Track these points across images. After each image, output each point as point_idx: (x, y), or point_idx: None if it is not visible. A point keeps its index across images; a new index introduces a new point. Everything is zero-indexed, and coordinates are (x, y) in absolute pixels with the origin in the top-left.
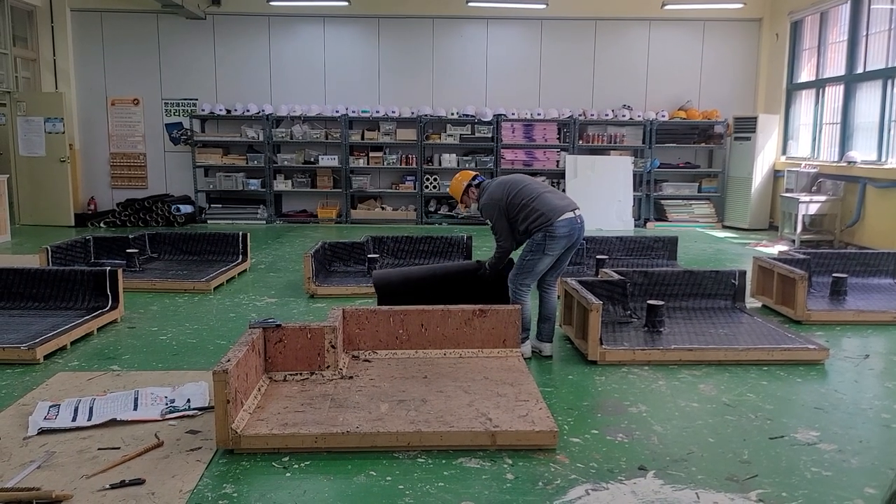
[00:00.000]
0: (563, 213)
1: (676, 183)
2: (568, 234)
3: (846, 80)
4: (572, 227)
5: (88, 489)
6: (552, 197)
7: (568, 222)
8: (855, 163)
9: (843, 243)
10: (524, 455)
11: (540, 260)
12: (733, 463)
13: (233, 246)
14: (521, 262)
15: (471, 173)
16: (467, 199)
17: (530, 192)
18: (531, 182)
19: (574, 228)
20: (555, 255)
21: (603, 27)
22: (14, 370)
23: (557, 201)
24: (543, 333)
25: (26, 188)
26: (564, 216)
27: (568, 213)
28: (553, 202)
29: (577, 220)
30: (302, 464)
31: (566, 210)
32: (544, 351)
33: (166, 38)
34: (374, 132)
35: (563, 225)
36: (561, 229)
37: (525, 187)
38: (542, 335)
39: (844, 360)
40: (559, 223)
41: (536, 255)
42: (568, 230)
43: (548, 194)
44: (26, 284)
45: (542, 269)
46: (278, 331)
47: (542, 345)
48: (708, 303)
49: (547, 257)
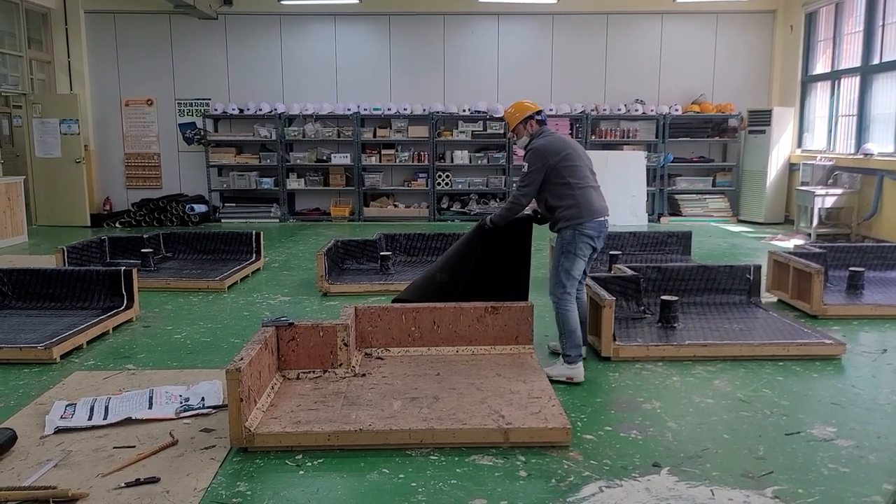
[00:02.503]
0: (599, 216)
1: (690, 177)
2: (596, 236)
3: (862, 71)
4: (600, 231)
5: (104, 487)
6: (595, 195)
7: (598, 225)
8: (872, 155)
9: (860, 237)
10: (537, 452)
11: (574, 263)
12: (748, 459)
13: (246, 245)
14: (557, 271)
15: (537, 106)
16: (522, 129)
17: (580, 176)
18: (584, 166)
19: (601, 233)
20: (585, 257)
21: (615, 21)
22: (31, 369)
23: (598, 202)
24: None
25: (42, 189)
26: (598, 219)
27: (601, 217)
28: (594, 201)
29: (605, 224)
30: (315, 461)
31: (601, 214)
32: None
33: (179, 39)
34: (386, 130)
35: (594, 227)
36: (590, 230)
37: (578, 168)
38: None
39: (862, 354)
40: (590, 224)
41: (569, 259)
42: (596, 233)
43: (591, 190)
44: (43, 284)
45: (578, 273)
46: (291, 329)
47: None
48: (722, 298)
49: (579, 260)
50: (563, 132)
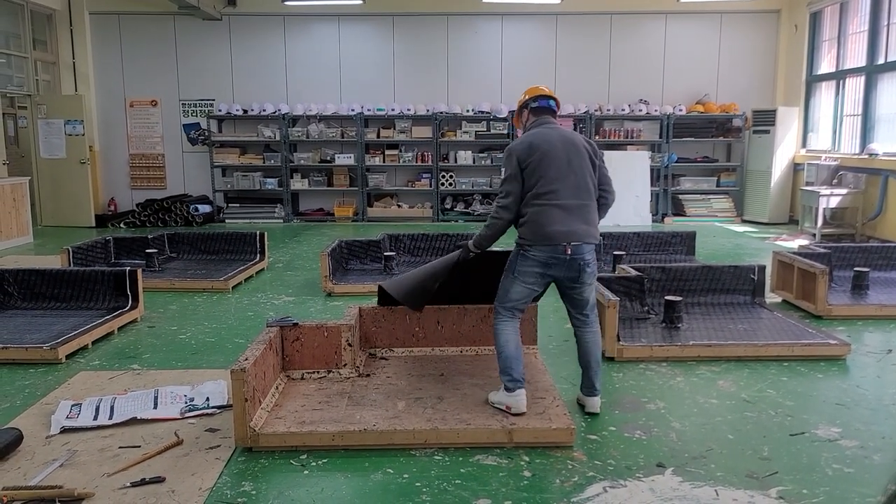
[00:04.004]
0: (551, 242)
1: (694, 177)
2: (545, 264)
3: (867, 70)
4: (552, 260)
5: (110, 487)
6: (556, 215)
7: (549, 251)
8: (877, 155)
9: (865, 237)
10: (541, 452)
11: (512, 285)
12: (753, 460)
13: (250, 245)
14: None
15: (541, 91)
16: (518, 122)
17: (544, 188)
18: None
19: (556, 262)
20: (527, 284)
21: (618, 21)
22: (37, 370)
23: (557, 224)
24: (583, 384)
25: (47, 190)
26: (549, 244)
27: (556, 243)
28: (550, 223)
29: (567, 252)
30: (319, 461)
31: (556, 240)
32: (587, 407)
33: (183, 40)
34: (390, 130)
35: (541, 254)
36: (535, 256)
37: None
38: (582, 386)
39: (866, 355)
40: (536, 249)
41: (508, 278)
42: (543, 261)
43: (553, 208)
44: (48, 285)
45: (516, 296)
46: (295, 329)
47: (584, 399)
48: (727, 298)
49: (517, 284)
50: None
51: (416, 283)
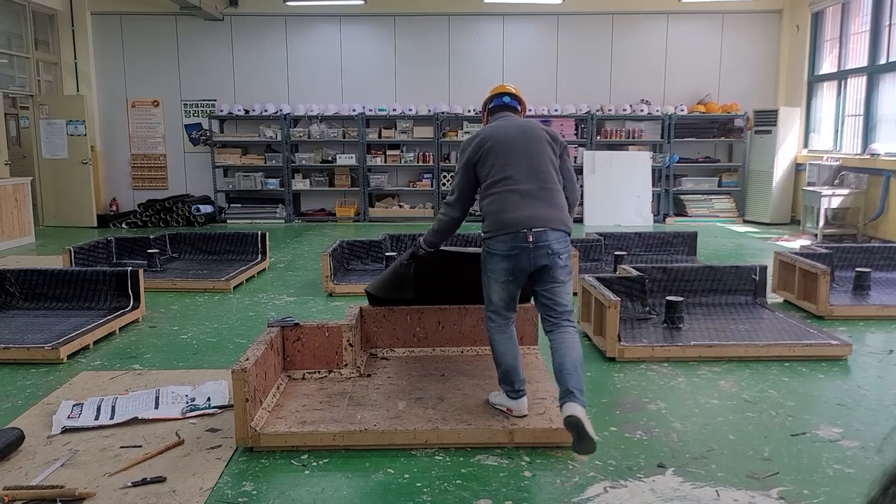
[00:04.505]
0: (512, 228)
1: (696, 177)
2: (507, 256)
3: (869, 71)
4: (513, 249)
5: (111, 487)
6: (514, 200)
7: (510, 239)
8: (878, 155)
9: (867, 237)
10: (542, 452)
11: (488, 284)
12: (754, 460)
13: (252, 245)
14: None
15: (505, 89)
16: (484, 121)
17: (499, 175)
18: (511, 162)
19: (520, 251)
20: (499, 282)
21: (620, 21)
22: (38, 369)
23: (516, 210)
24: (560, 392)
25: (49, 190)
26: (510, 232)
27: (516, 230)
28: (508, 209)
29: (529, 240)
30: (320, 461)
31: (517, 226)
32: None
33: (185, 40)
34: (391, 130)
35: (503, 243)
36: (498, 248)
37: (497, 166)
38: (560, 394)
39: (868, 355)
40: (498, 240)
41: (483, 277)
42: (506, 248)
43: (511, 194)
44: (50, 285)
45: (497, 298)
46: (296, 329)
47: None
48: (728, 298)
49: (492, 282)
50: (568, 132)
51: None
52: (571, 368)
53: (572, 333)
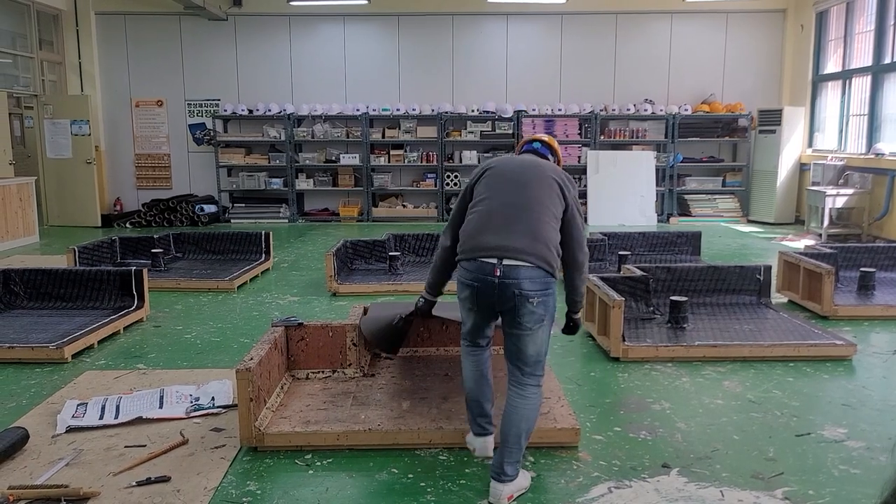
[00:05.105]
0: (479, 253)
1: (700, 177)
2: (469, 286)
3: (873, 70)
4: (475, 278)
5: (115, 486)
6: (485, 221)
7: (475, 268)
8: (883, 155)
9: (871, 237)
10: (546, 452)
11: (462, 305)
12: (759, 460)
13: (256, 245)
14: None
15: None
16: None
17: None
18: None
19: (484, 284)
20: (465, 306)
21: (624, 21)
22: (43, 369)
23: (484, 234)
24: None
25: (53, 190)
26: (477, 258)
27: (484, 257)
28: (478, 230)
29: (496, 273)
30: (324, 461)
31: (485, 253)
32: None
33: (189, 40)
34: (395, 130)
35: (468, 267)
36: (463, 272)
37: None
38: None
39: (873, 355)
40: (465, 264)
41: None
42: (470, 277)
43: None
44: (54, 284)
45: (466, 322)
46: (300, 329)
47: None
48: (732, 298)
49: (461, 306)
50: (571, 132)
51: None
52: (513, 441)
53: (531, 396)
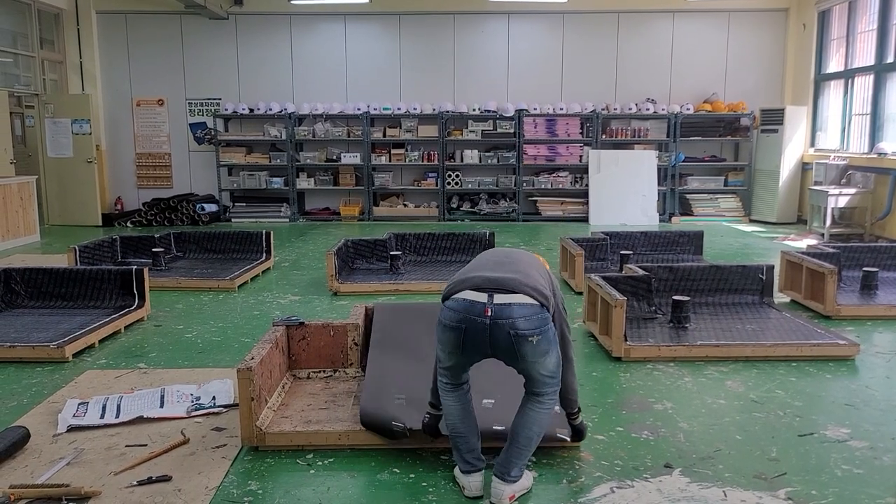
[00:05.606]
0: (467, 286)
1: (702, 177)
2: (455, 328)
3: (876, 69)
4: (469, 319)
5: (116, 485)
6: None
7: (463, 308)
8: (885, 154)
9: (874, 237)
10: (548, 453)
11: (441, 347)
12: (761, 461)
13: (256, 244)
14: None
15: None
16: None
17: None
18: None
19: (469, 323)
20: (441, 344)
21: (626, 20)
22: (44, 368)
23: (477, 271)
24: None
25: (54, 189)
26: (463, 295)
27: (473, 290)
28: (471, 271)
29: (487, 314)
30: (326, 461)
31: (473, 286)
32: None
33: (190, 39)
34: (396, 129)
35: (453, 306)
36: (446, 311)
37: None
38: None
39: (876, 355)
40: (450, 304)
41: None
42: (455, 319)
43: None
44: (55, 284)
45: (445, 361)
46: (302, 328)
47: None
48: (735, 298)
49: (438, 344)
50: (573, 131)
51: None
52: (524, 443)
53: (548, 402)
